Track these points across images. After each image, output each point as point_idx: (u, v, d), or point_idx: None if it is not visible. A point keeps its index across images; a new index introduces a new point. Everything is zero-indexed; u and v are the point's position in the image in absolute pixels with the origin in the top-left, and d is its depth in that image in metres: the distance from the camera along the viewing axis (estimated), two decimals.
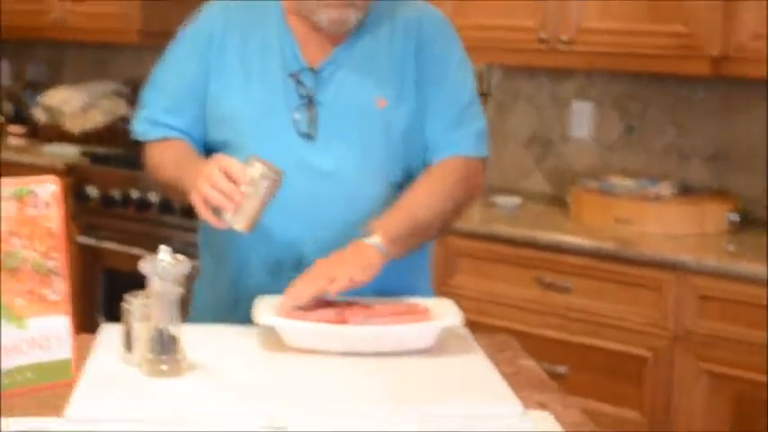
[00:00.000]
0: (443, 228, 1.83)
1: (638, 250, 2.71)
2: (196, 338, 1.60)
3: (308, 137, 1.76)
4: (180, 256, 1.51)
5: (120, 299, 1.57)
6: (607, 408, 2.73)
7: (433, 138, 1.82)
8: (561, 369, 2.76)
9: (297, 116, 1.76)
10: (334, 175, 1.76)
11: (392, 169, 1.80)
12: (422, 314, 1.67)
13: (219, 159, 1.62)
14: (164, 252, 1.50)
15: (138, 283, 1.54)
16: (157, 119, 1.84)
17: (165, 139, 1.83)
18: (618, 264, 2.73)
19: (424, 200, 1.76)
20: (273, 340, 1.64)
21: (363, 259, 1.67)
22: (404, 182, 1.81)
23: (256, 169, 1.58)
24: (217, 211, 1.60)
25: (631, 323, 2.72)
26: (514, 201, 3.21)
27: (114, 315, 1.59)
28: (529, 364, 1.69)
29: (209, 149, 1.81)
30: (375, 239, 1.69)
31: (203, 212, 1.61)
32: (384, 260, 1.69)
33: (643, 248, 2.71)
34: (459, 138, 1.82)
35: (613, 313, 2.75)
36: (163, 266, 1.49)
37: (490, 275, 2.92)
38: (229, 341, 1.67)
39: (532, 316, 2.86)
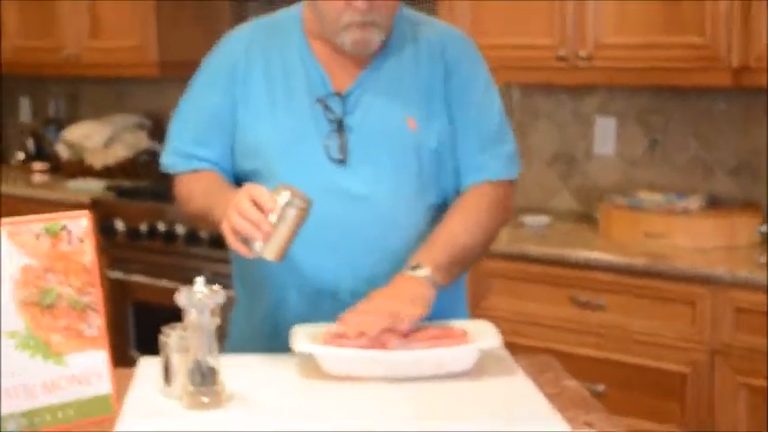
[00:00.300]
0: (481, 253, 1.83)
1: (671, 264, 2.68)
2: (234, 369, 1.59)
3: (340, 162, 1.75)
4: (216, 287, 1.50)
5: (151, 331, 1.55)
6: (649, 425, 2.70)
7: (465, 161, 1.81)
8: (599, 387, 2.73)
9: (327, 142, 1.75)
10: (367, 200, 1.74)
11: (425, 192, 1.79)
12: (460, 337, 1.65)
13: (248, 188, 1.61)
14: (199, 283, 1.49)
15: (168, 314, 1.53)
16: (186, 151, 1.83)
17: (195, 170, 1.82)
18: (650, 279, 2.70)
19: (460, 227, 1.76)
20: (312, 368, 1.62)
21: (418, 294, 1.66)
22: (437, 205, 1.81)
23: (283, 197, 1.57)
24: (246, 240, 1.58)
25: (667, 338, 2.69)
26: (542, 220, 3.19)
27: (146, 348, 1.58)
28: (572, 384, 1.66)
29: (239, 179, 1.80)
30: (425, 272, 1.68)
31: (233, 242, 1.60)
32: (435, 292, 1.68)
33: (675, 262, 2.68)
34: (489, 161, 1.82)
35: (648, 329, 2.72)
36: (199, 298, 1.48)
37: (523, 296, 2.90)
38: (268, 370, 1.66)
39: (567, 335, 2.83)
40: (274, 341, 1.74)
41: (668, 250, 2.76)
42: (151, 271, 3.63)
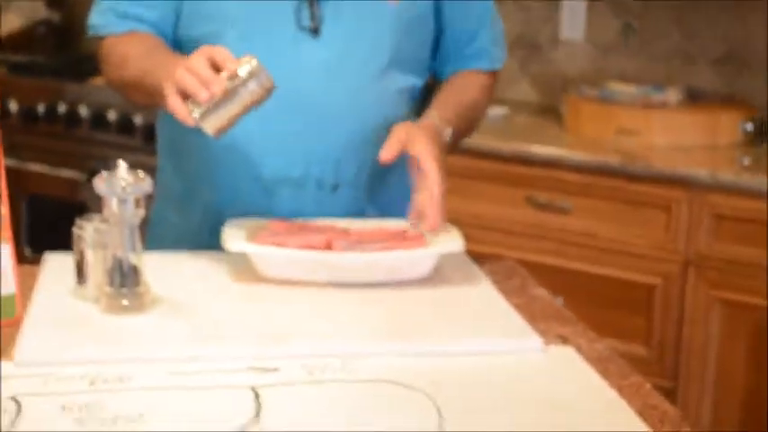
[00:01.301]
0: (461, 140, 1.83)
1: (644, 164, 2.69)
2: (160, 268, 1.55)
3: (311, 31, 1.70)
4: (141, 173, 1.44)
5: (47, 227, 1.50)
6: (610, 342, 2.69)
7: (453, 46, 1.83)
8: (558, 300, 2.70)
9: (298, 7, 1.69)
10: (338, 75, 1.71)
11: (402, 71, 1.77)
12: (416, 240, 1.62)
13: (208, 48, 1.50)
14: (122, 168, 1.43)
15: (68, 209, 1.47)
16: (122, 9, 1.74)
17: (131, 32, 1.74)
18: (622, 180, 2.71)
19: (454, 106, 1.76)
20: (249, 269, 1.59)
21: (437, 135, 1.66)
22: (412, 89, 1.81)
23: (247, 67, 1.47)
24: (189, 105, 1.49)
25: (637, 247, 2.71)
26: (499, 111, 3.16)
27: (39, 246, 1.52)
28: (541, 293, 1.66)
29: (179, 47, 1.73)
30: (448, 132, 1.69)
31: (173, 102, 1.49)
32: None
33: (649, 162, 2.69)
34: (485, 47, 1.86)
35: (617, 236, 2.74)
36: (122, 186, 1.43)
37: (475, 196, 2.88)
38: (199, 271, 1.62)
39: (525, 240, 2.84)
40: (213, 240, 1.69)
41: (642, 149, 2.76)
42: (49, 159, 3.54)
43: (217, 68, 1.47)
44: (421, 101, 1.83)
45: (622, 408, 1.24)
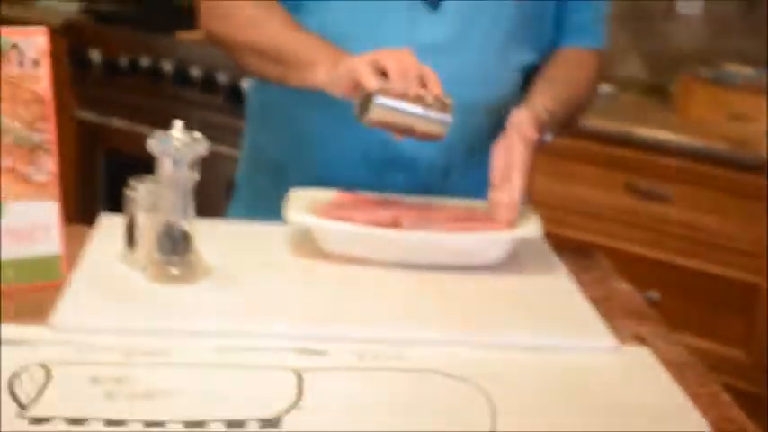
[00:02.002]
0: (567, 125, 1.78)
1: (755, 153, 2.63)
2: (215, 238, 1.54)
3: (431, 4, 1.67)
4: (197, 134, 1.43)
5: (125, 185, 1.49)
6: (706, 344, 2.67)
7: (571, 17, 1.80)
8: (653, 295, 2.69)
9: None
10: (455, 51, 1.67)
11: (521, 47, 1.74)
12: (491, 222, 1.58)
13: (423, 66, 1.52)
14: (177, 128, 1.42)
15: (147, 167, 1.46)
16: None
17: None
18: (728, 168, 2.65)
19: (563, 85, 1.72)
20: (310, 243, 1.57)
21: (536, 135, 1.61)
22: (529, 66, 1.77)
23: (446, 99, 1.51)
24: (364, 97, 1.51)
25: (740, 242, 2.66)
26: (605, 88, 3.10)
27: (118, 205, 1.52)
28: (623, 288, 1.61)
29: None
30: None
31: (366, 73, 1.49)
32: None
33: (760, 151, 2.62)
34: (596, 23, 1.84)
35: (719, 229, 2.68)
36: (176, 146, 1.41)
37: (571, 178, 2.84)
38: (256, 242, 1.60)
39: (621, 228, 2.79)
40: None
41: (754, 136, 2.70)
42: (130, 114, 3.57)
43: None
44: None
45: (695, 418, 1.19)
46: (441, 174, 1.74)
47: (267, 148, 1.85)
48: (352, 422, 1.12)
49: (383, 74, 1.50)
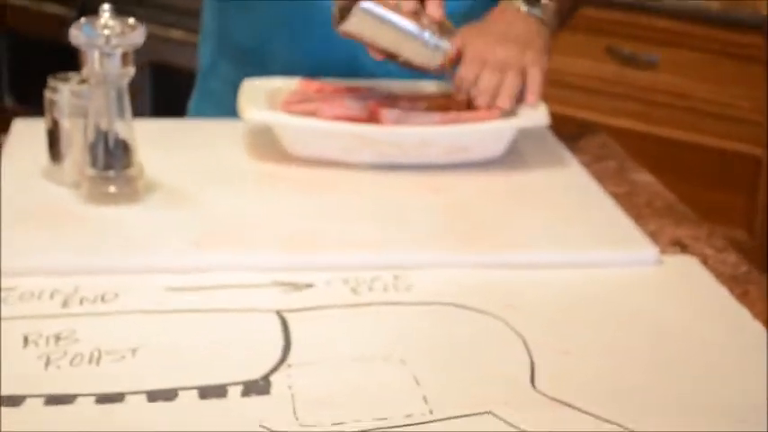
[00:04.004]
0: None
1: (753, 9, 2.50)
2: (160, 143, 1.35)
3: None
4: (132, 20, 1.22)
5: (34, 74, 1.28)
6: (705, 226, 2.55)
7: None
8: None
9: None
10: None
11: None
12: (486, 110, 1.40)
13: None
14: (106, 13, 1.21)
15: (57, 53, 1.25)
16: None
17: None
18: (723, 28, 2.52)
19: None
20: (273, 145, 1.38)
21: (537, 36, 1.45)
22: None
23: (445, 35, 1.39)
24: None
25: (739, 110, 2.54)
26: None
27: (26, 97, 1.31)
28: (646, 179, 1.44)
29: None
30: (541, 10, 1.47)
31: None
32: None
33: (758, 7, 2.50)
34: None
35: (715, 97, 2.57)
36: (106, 34, 1.20)
37: None
38: (210, 147, 1.42)
39: (603, 100, 2.67)
40: None
41: None
42: None
43: None
44: None
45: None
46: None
47: (235, 31, 1.65)
48: (358, 377, 0.93)
49: None
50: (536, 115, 1.39)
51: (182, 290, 1.07)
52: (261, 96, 1.40)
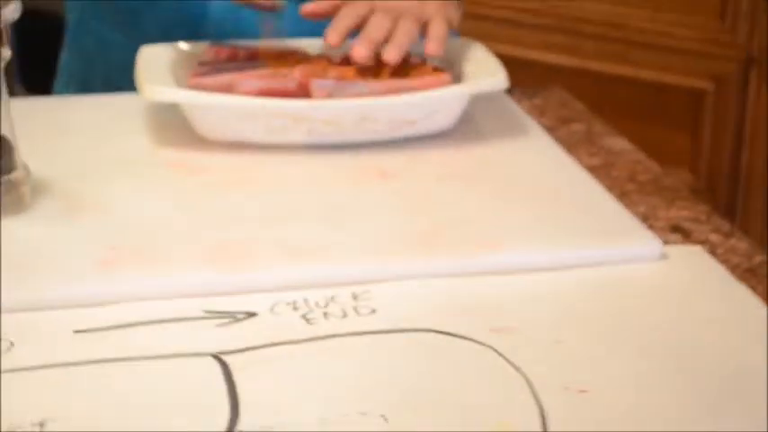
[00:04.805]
0: None
1: None
2: (39, 130, 1.19)
3: None
4: None
5: None
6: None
7: None
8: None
9: None
10: None
11: None
12: (428, 72, 1.24)
13: None
14: None
15: None
16: None
17: None
18: None
19: None
20: (181, 126, 1.20)
21: None
22: None
23: None
24: None
25: (680, 40, 2.47)
26: None
27: None
28: (621, 145, 1.29)
29: None
30: None
31: None
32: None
33: None
34: None
35: (652, 25, 2.48)
36: None
37: None
38: (104, 132, 1.23)
39: (525, 31, 2.55)
40: None
41: None
42: None
43: None
44: None
45: None
46: None
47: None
48: None
49: None
50: (493, 77, 1.22)
51: (90, 331, 0.89)
52: (163, 67, 1.22)
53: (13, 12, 1.03)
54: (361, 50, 1.21)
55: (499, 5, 2.56)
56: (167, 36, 1.32)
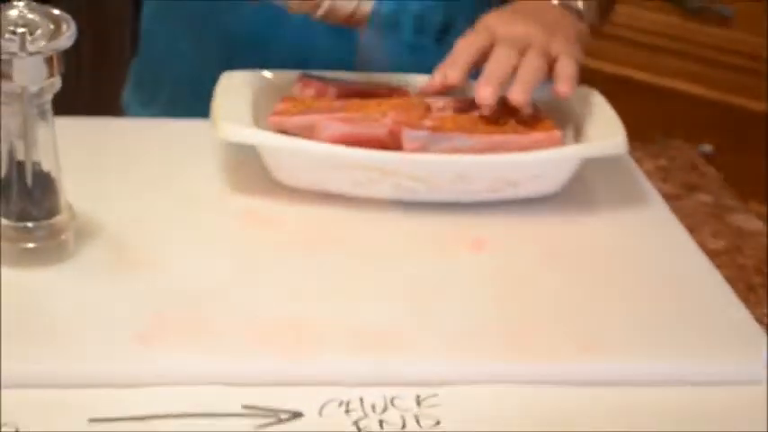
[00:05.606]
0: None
1: None
2: (88, 159, 1.10)
3: None
4: (57, 12, 0.93)
5: None
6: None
7: None
8: (706, 148, 2.37)
9: None
10: None
11: None
12: (545, 127, 1.11)
13: None
14: (22, 3, 0.92)
15: None
16: None
17: None
18: None
19: None
20: (260, 167, 1.09)
21: (570, 25, 1.18)
22: None
23: None
24: None
25: None
26: None
27: None
28: (753, 226, 1.16)
29: None
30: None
31: None
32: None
33: None
34: None
35: None
36: (19, 33, 0.91)
37: None
38: (166, 165, 1.13)
39: (666, 58, 2.48)
40: None
41: None
42: None
43: None
44: None
45: None
46: (434, 35, 1.29)
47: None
48: None
49: None
50: (612, 139, 1.09)
51: (107, 421, 0.78)
52: (243, 98, 1.11)
53: (68, 36, 0.93)
54: (486, 91, 1.08)
55: (629, 25, 2.46)
56: (232, 51, 1.26)
